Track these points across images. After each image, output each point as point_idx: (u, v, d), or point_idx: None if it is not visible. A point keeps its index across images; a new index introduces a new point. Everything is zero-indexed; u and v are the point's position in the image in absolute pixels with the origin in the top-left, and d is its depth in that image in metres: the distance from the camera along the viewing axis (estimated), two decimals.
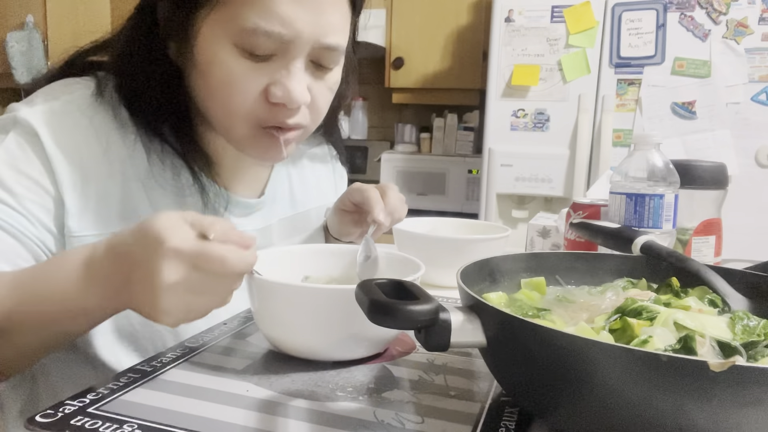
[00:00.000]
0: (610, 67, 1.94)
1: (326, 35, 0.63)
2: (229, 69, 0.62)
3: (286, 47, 0.62)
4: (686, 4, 1.85)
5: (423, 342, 0.42)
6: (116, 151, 0.66)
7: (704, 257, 0.85)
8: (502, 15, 2.03)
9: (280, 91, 0.62)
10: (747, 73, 1.83)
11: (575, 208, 0.88)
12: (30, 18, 2.96)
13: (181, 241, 0.45)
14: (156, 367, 0.52)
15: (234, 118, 0.65)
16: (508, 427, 0.44)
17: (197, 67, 0.64)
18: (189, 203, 0.70)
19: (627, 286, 0.57)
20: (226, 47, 0.61)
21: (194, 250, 0.46)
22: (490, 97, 2.06)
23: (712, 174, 0.86)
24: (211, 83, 0.64)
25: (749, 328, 0.45)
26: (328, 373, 0.53)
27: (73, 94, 0.66)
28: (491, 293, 0.53)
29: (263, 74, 0.63)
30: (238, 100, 0.63)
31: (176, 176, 0.69)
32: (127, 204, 0.66)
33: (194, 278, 0.46)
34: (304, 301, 0.53)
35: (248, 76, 0.62)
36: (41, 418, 0.42)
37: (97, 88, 0.67)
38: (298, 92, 0.63)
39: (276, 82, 0.63)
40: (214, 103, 0.65)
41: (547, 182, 2.04)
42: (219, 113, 0.66)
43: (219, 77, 0.63)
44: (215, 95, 0.64)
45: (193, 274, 0.46)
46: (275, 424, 0.44)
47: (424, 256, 0.65)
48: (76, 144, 0.63)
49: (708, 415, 0.34)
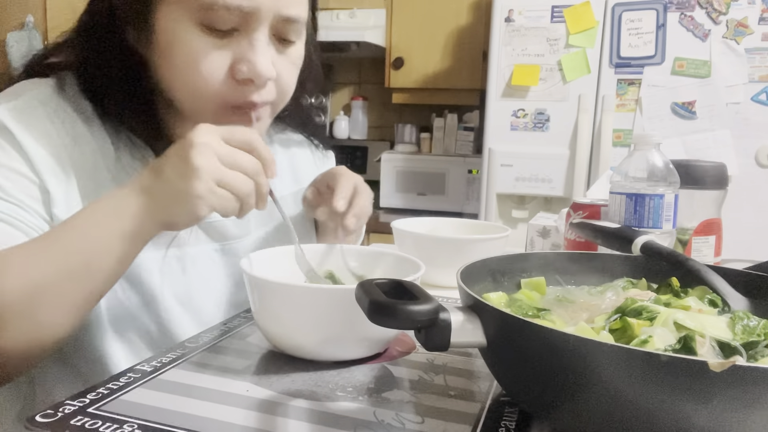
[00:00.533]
0: (610, 67, 1.94)
1: (287, 6, 0.63)
2: (192, 48, 0.61)
3: (247, 20, 0.61)
4: (686, 4, 1.85)
5: (423, 342, 0.42)
6: (86, 143, 0.65)
7: (704, 257, 0.85)
8: (502, 15, 2.02)
9: (246, 67, 0.62)
10: (747, 73, 1.83)
11: (575, 208, 0.88)
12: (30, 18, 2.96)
13: (212, 126, 0.57)
14: (156, 367, 0.52)
15: (201, 99, 0.64)
16: (508, 427, 0.44)
17: (159, 51, 0.63)
18: None
19: (627, 286, 0.57)
20: (186, 26, 0.61)
21: (225, 128, 0.57)
22: (490, 97, 2.06)
23: (712, 174, 0.86)
24: (175, 65, 0.63)
25: (749, 328, 0.45)
26: (328, 373, 0.53)
27: (33, 91, 0.66)
28: (491, 293, 0.53)
29: (227, 51, 0.62)
30: (204, 79, 0.62)
31: (145, 166, 0.68)
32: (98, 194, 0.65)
33: (224, 149, 0.56)
34: (304, 301, 0.53)
35: (212, 54, 0.62)
36: (41, 418, 0.42)
37: (58, 84, 0.67)
38: (264, 66, 0.63)
39: (241, 59, 0.62)
40: (180, 86, 0.64)
41: (547, 182, 2.03)
42: (186, 96, 0.65)
43: (182, 57, 0.62)
44: (180, 77, 0.64)
45: (223, 146, 0.56)
46: (275, 424, 0.44)
47: (424, 256, 0.65)
48: (48, 135, 0.63)
49: (708, 415, 0.34)
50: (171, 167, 0.55)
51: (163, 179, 0.55)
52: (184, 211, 0.55)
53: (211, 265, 0.75)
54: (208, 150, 0.54)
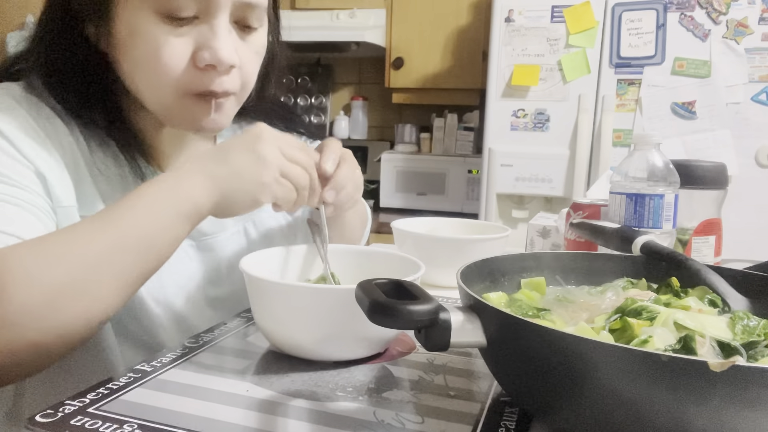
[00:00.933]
0: (610, 67, 1.94)
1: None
2: (153, 37, 0.61)
3: (207, 6, 0.61)
4: (686, 4, 1.85)
5: (423, 342, 0.42)
6: (64, 137, 0.65)
7: (704, 257, 0.85)
8: (502, 15, 2.02)
9: (208, 53, 0.62)
10: (747, 73, 1.83)
11: (575, 208, 0.88)
12: (30, 18, 2.96)
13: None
14: (156, 367, 0.52)
15: (162, 88, 0.64)
16: (508, 427, 0.44)
17: (119, 44, 0.63)
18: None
19: (627, 286, 0.57)
20: (146, 16, 0.61)
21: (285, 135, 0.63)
22: (490, 97, 2.06)
23: (712, 174, 0.86)
24: (136, 56, 0.63)
25: (749, 328, 0.45)
26: (328, 373, 0.53)
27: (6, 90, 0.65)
28: (491, 293, 0.53)
29: (188, 39, 0.62)
30: (166, 67, 0.62)
31: (117, 164, 0.69)
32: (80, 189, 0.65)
33: (285, 144, 0.61)
34: (304, 301, 0.53)
35: (173, 43, 0.62)
36: (41, 418, 0.42)
37: (27, 85, 0.66)
38: (226, 52, 0.62)
39: (202, 46, 0.62)
40: (142, 77, 0.64)
41: (547, 182, 2.03)
42: (147, 87, 0.65)
43: (143, 48, 0.62)
44: (142, 68, 0.63)
45: (283, 141, 0.62)
46: (275, 424, 0.44)
47: (424, 256, 0.65)
48: (30, 128, 0.62)
49: (708, 415, 0.34)
50: (238, 154, 0.59)
51: (230, 165, 0.58)
52: (248, 197, 0.59)
53: (187, 261, 0.74)
54: (273, 142, 0.60)
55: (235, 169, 0.58)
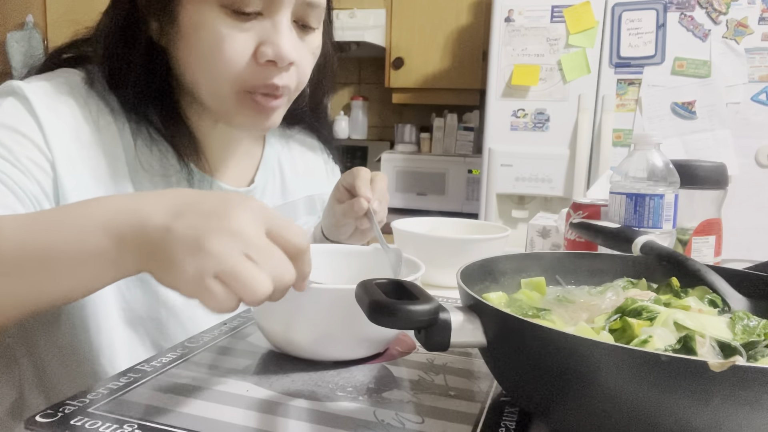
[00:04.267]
0: (610, 67, 1.94)
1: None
2: (217, 31, 0.62)
3: (271, 3, 0.63)
4: (686, 4, 1.85)
5: (423, 342, 0.42)
6: (109, 133, 0.67)
7: (704, 257, 0.85)
8: (502, 15, 2.02)
9: (270, 49, 0.63)
10: (747, 73, 1.83)
11: (575, 208, 0.88)
12: (30, 18, 2.96)
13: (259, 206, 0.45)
14: (156, 367, 0.52)
15: (222, 83, 0.65)
16: (508, 427, 0.44)
17: (183, 38, 0.64)
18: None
19: (627, 286, 0.57)
20: (211, 10, 0.62)
21: (274, 213, 0.45)
22: (490, 97, 2.06)
23: (712, 174, 0.86)
24: (199, 50, 0.64)
25: (749, 328, 0.45)
26: (328, 373, 0.53)
27: (67, 78, 0.68)
28: (491, 293, 0.53)
29: (251, 35, 0.63)
30: (228, 62, 0.63)
31: (162, 164, 0.70)
32: (114, 185, 0.67)
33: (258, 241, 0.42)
34: (304, 301, 0.53)
35: (237, 37, 0.63)
36: (41, 418, 0.42)
37: (87, 77, 0.68)
38: (288, 48, 0.64)
39: (265, 41, 0.63)
40: (203, 71, 0.65)
41: (547, 182, 2.03)
42: (207, 81, 0.66)
43: (207, 42, 0.63)
44: (204, 62, 0.64)
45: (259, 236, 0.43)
46: (275, 424, 0.44)
47: (424, 256, 0.65)
48: (71, 117, 0.64)
49: (708, 415, 0.34)
50: (186, 225, 0.42)
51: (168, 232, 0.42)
52: (164, 279, 0.44)
53: None
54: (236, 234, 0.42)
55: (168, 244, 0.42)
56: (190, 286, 0.42)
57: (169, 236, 0.42)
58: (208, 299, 0.41)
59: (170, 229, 0.42)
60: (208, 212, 0.43)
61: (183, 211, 0.43)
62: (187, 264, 0.41)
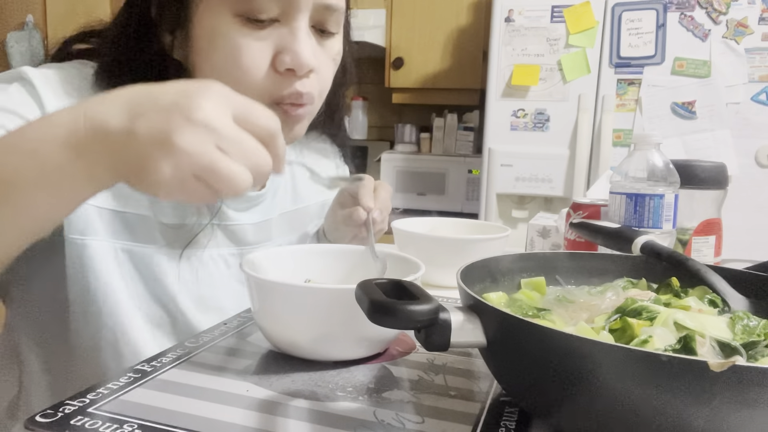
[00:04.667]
0: (610, 67, 1.94)
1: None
2: (233, 41, 0.61)
3: (287, 9, 0.61)
4: (686, 4, 1.85)
5: (423, 342, 0.42)
6: None
7: (704, 257, 0.85)
8: (502, 15, 2.02)
9: (289, 57, 0.61)
10: (747, 73, 1.83)
11: (575, 208, 0.88)
12: (30, 18, 2.96)
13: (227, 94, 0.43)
14: (156, 367, 0.52)
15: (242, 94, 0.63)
16: (508, 427, 0.44)
17: (199, 49, 0.63)
18: None
19: (627, 286, 0.57)
20: (225, 19, 0.60)
21: (243, 102, 0.43)
22: (490, 97, 2.06)
23: (712, 174, 0.86)
24: (215, 61, 0.62)
25: (749, 328, 0.45)
26: (328, 373, 0.53)
27: (80, 69, 0.66)
28: (491, 293, 0.53)
29: (268, 43, 0.61)
30: (246, 72, 0.61)
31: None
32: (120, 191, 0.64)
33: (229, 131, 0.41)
34: (304, 301, 0.53)
35: (253, 46, 0.61)
36: (41, 418, 0.42)
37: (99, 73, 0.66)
38: (307, 55, 0.62)
39: (283, 49, 0.61)
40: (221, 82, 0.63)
41: (547, 182, 2.03)
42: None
43: (224, 52, 0.61)
44: (221, 73, 0.62)
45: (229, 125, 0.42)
46: (275, 424, 0.44)
47: (424, 256, 0.65)
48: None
49: (708, 415, 0.34)
50: (149, 124, 0.41)
51: (132, 135, 0.41)
52: (141, 185, 0.43)
53: (225, 270, 0.74)
54: (205, 127, 0.41)
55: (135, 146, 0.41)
56: (170, 189, 0.41)
57: (133, 141, 0.41)
58: (190, 198, 0.42)
59: (132, 131, 0.41)
60: (169, 107, 0.41)
61: (141, 110, 0.41)
62: (162, 167, 0.40)
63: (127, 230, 0.65)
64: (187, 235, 0.69)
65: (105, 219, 0.63)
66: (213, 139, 0.40)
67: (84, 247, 0.62)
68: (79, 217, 0.62)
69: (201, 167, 0.40)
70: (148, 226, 0.66)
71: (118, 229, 0.65)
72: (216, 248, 0.73)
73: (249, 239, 0.76)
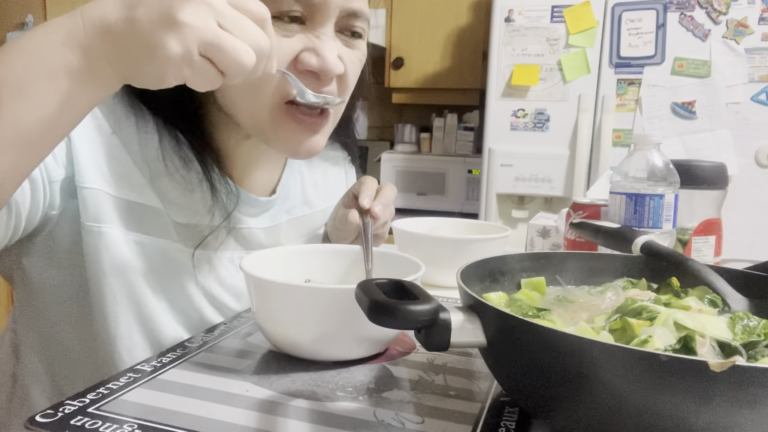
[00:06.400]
0: (610, 67, 1.94)
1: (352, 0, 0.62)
2: None
3: (313, 12, 0.60)
4: (686, 4, 1.85)
5: (423, 342, 0.42)
6: (126, 130, 0.64)
7: (704, 257, 0.85)
8: (502, 15, 2.02)
9: (314, 58, 0.60)
10: (747, 73, 1.83)
11: (575, 208, 0.88)
12: (30, 18, 2.96)
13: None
14: (156, 367, 0.52)
15: (260, 93, 0.61)
16: (508, 427, 0.44)
17: None
18: (197, 197, 0.68)
19: (627, 286, 0.57)
20: None
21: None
22: (490, 97, 2.06)
23: (712, 174, 0.86)
24: None
25: (749, 328, 0.45)
26: (328, 373, 0.53)
27: None
28: (491, 293, 0.53)
29: (291, 40, 0.60)
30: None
31: (186, 167, 0.67)
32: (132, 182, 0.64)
33: (227, 9, 0.43)
34: (304, 301, 0.53)
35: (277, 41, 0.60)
36: (41, 418, 0.42)
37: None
38: (333, 59, 0.60)
39: (308, 49, 0.60)
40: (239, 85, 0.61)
41: (547, 182, 2.03)
42: (244, 91, 0.62)
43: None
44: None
45: (226, 6, 0.43)
46: (275, 424, 0.44)
47: (424, 256, 0.65)
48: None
49: (708, 415, 0.34)
50: (148, 8, 0.42)
51: (133, 22, 0.42)
52: (148, 73, 0.44)
53: (235, 273, 0.74)
54: (205, 4, 0.42)
55: (137, 30, 0.42)
56: (178, 69, 0.42)
57: (135, 26, 0.42)
58: (197, 80, 0.44)
59: (133, 19, 0.42)
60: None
61: (136, 0, 0.42)
62: (168, 42, 0.41)
63: (141, 222, 0.65)
64: (199, 235, 0.69)
65: (119, 208, 0.63)
66: (213, 14, 0.42)
67: (100, 234, 0.62)
68: (93, 203, 0.61)
69: (207, 42, 0.42)
70: (162, 221, 0.66)
71: (133, 219, 0.64)
72: (227, 251, 0.73)
73: (259, 243, 0.76)
